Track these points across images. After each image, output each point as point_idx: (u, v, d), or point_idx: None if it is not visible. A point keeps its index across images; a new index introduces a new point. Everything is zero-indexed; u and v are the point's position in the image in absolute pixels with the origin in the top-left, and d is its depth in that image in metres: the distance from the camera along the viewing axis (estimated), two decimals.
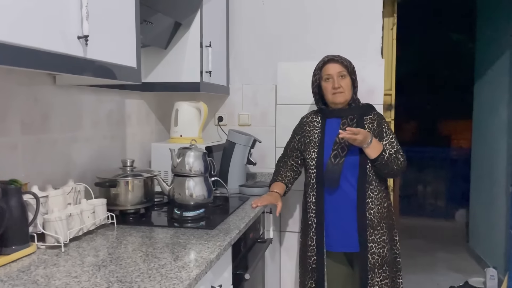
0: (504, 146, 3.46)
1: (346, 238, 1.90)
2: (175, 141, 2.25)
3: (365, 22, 2.47)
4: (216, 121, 2.66)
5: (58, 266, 1.18)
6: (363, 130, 1.80)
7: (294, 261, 2.56)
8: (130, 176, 1.71)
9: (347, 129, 1.79)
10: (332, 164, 1.87)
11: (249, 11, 2.61)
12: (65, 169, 1.68)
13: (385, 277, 1.88)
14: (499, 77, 3.59)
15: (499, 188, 3.55)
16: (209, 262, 1.22)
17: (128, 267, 1.17)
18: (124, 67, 1.42)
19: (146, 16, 1.82)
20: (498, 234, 3.51)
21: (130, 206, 1.70)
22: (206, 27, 2.18)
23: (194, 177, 1.70)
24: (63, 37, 1.12)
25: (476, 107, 4.23)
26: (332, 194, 1.91)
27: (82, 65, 1.20)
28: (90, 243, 1.40)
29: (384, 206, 1.92)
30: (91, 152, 1.84)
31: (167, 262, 1.21)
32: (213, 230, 1.54)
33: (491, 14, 3.79)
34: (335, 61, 1.95)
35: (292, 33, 2.56)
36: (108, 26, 1.33)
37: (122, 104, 2.11)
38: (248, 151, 2.28)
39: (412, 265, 3.83)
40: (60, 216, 1.33)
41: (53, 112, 1.61)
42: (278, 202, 1.96)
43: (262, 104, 2.60)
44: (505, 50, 3.43)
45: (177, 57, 2.17)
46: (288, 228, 2.58)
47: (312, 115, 2.08)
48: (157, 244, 1.39)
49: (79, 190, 1.58)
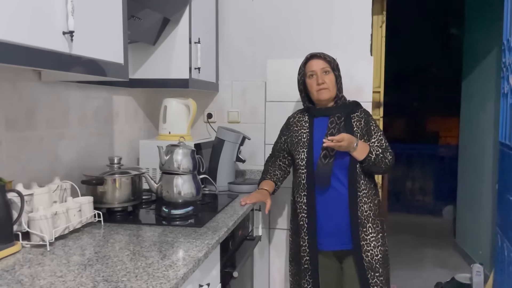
0: (491, 143, 3.50)
1: (337, 236, 1.90)
2: (163, 138, 2.23)
3: (355, 20, 2.47)
4: (205, 118, 2.65)
5: (43, 266, 1.17)
6: (346, 135, 1.80)
7: (283, 258, 2.56)
8: (117, 173, 1.69)
9: (329, 138, 1.79)
10: (322, 164, 1.86)
11: (239, 8, 2.59)
12: (51, 166, 1.65)
13: (385, 274, 1.89)
14: (487, 75, 3.62)
15: (486, 185, 3.59)
16: (197, 261, 1.22)
17: (114, 266, 1.16)
18: (110, 63, 1.40)
19: (134, 12, 1.80)
20: (485, 230, 3.55)
21: (117, 204, 1.68)
22: (195, 23, 2.16)
23: (183, 175, 1.69)
24: (48, 32, 1.10)
25: (464, 104, 4.27)
26: (323, 194, 1.90)
27: (67, 61, 1.18)
28: (76, 241, 1.38)
29: (375, 203, 1.93)
30: (78, 149, 1.82)
31: (154, 261, 1.20)
32: (202, 228, 1.53)
33: (479, 12, 3.82)
34: (318, 57, 1.95)
35: (282, 30, 2.55)
36: (94, 22, 1.30)
37: (109, 101, 2.09)
38: (237, 148, 2.27)
39: (399, 261, 3.86)
40: (45, 214, 1.31)
41: (38, 108, 1.58)
42: (267, 200, 1.96)
43: (252, 101, 2.59)
44: (492, 48, 3.46)
45: (165, 53, 2.15)
46: (277, 225, 2.58)
47: (299, 114, 2.07)
48: (145, 242, 1.38)
49: (65, 188, 1.55)
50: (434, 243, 4.50)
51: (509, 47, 2.38)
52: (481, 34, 3.77)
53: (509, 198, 2.16)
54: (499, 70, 3.11)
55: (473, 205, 3.92)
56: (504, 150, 2.41)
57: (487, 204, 3.52)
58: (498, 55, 3.24)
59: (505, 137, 2.39)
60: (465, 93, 4.24)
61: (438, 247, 4.38)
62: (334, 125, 1.90)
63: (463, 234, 4.22)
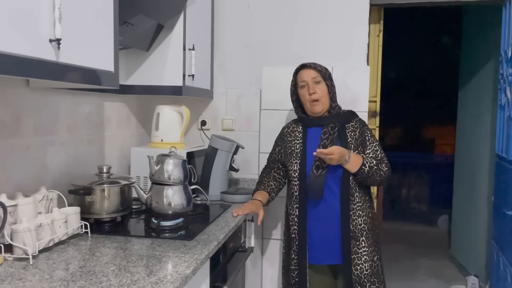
0: (487, 153, 3.47)
1: (329, 250, 1.87)
2: (156, 146, 2.19)
3: (351, 29, 2.45)
4: (199, 125, 2.61)
5: (25, 281, 1.12)
6: (337, 149, 1.76)
7: (276, 268, 2.52)
8: (106, 183, 1.64)
9: (318, 150, 1.76)
10: (314, 175, 1.83)
11: (235, 15, 2.57)
12: (38, 175, 1.61)
13: None
14: (484, 84, 3.60)
15: (481, 197, 3.57)
16: (184, 278, 1.17)
17: (98, 282, 1.12)
18: (100, 71, 1.36)
19: (127, 18, 1.77)
20: (480, 242, 3.52)
21: (105, 214, 1.64)
22: (189, 29, 2.13)
23: (173, 185, 1.65)
24: (34, 40, 1.06)
25: (460, 115, 4.25)
26: (316, 206, 1.87)
27: (54, 69, 1.14)
28: (61, 254, 1.33)
29: (369, 216, 1.89)
30: (66, 157, 1.78)
31: (140, 277, 1.16)
32: (191, 242, 1.49)
33: (477, 22, 3.81)
34: (308, 67, 1.92)
35: (278, 38, 2.53)
36: (83, 29, 1.27)
37: (101, 107, 2.05)
38: (231, 157, 2.24)
39: (394, 271, 3.83)
40: (28, 226, 1.26)
41: (25, 115, 1.54)
42: (260, 211, 1.92)
43: (246, 108, 2.56)
44: (489, 59, 3.44)
45: (159, 59, 2.11)
46: (270, 236, 2.54)
47: (293, 124, 2.04)
48: (132, 256, 1.34)
49: (51, 198, 1.51)
50: (429, 253, 4.47)
51: (506, 58, 2.36)
52: (478, 45, 3.76)
53: (505, 212, 2.14)
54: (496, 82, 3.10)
55: (468, 216, 3.90)
56: (501, 163, 2.39)
57: (483, 216, 3.49)
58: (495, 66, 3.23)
59: (502, 150, 2.36)
60: (461, 103, 4.22)
61: (433, 257, 4.34)
62: (327, 136, 1.87)
63: (458, 245, 4.18)
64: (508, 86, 2.32)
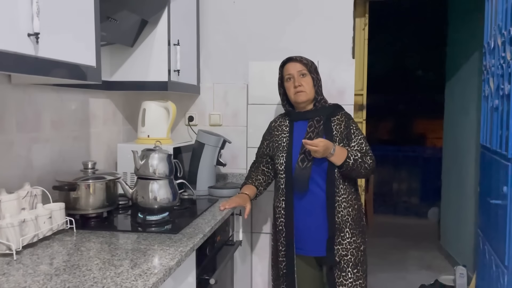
0: (473, 146, 3.51)
1: (316, 242, 1.88)
2: (142, 142, 2.19)
3: (336, 22, 2.46)
4: (186, 121, 2.61)
5: (8, 276, 1.12)
6: (322, 141, 1.77)
7: (266, 262, 2.54)
8: (91, 179, 1.64)
9: (303, 141, 1.78)
10: (300, 168, 1.84)
11: (220, 10, 2.56)
12: (22, 172, 1.60)
13: (359, 277, 1.88)
14: (469, 78, 3.64)
15: (469, 188, 3.61)
16: (168, 270, 1.18)
17: (82, 276, 1.12)
18: (81, 65, 1.36)
19: (110, 13, 1.76)
20: (467, 232, 3.56)
21: (91, 210, 1.64)
22: (174, 25, 2.13)
23: (158, 180, 1.65)
24: (11, 34, 1.06)
25: (447, 107, 4.29)
26: (302, 198, 1.88)
27: (33, 64, 1.14)
28: (45, 250, 1.33)
29: (355, 208, 1.91)
30: (51, 154, 1.77)
31: (124, 270, 1.17)
32: (177, 235, 1.50)
33: (462, 14, 3.84)
34: (294, 60, 1.93)
35: (264, 33, 2.53)
36: (62, 23, 1.26)
37: (86, 103, 2.04)
38: (218, 152, 2.24)
39: (384, 263, 3.87)
40: (12, 222, 1.26)
41: (8, 112, 1.53)
42: (247, 204, 1.92)
43: (233, 103, 2.56)
44: (475, 50, 3.47)
45: (144, 55, 2.11)
46: (259, 230, 2.55)
47: (280, 119, 2.05)
48: (117, 250, 1.34)
49: (35, 194, 1.50)
50: (419, 244, 4.51)
51: (489, 49, 2.38)
52: (464, 36, 3.79)
53: (490, 200, 2.16)
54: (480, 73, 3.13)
55: (456, 207, 3.94)
56: (485, 153, 2.41)
57: (470, 206, 3.53)
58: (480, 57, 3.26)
59: (486, 140, 2.39)
60: (448, 95, 4.26)
61: (423, 248, 4.39)
62: (313, 129, 1.88)
63: (447, 236, 4.23)
64: (491, 77, 2.34)
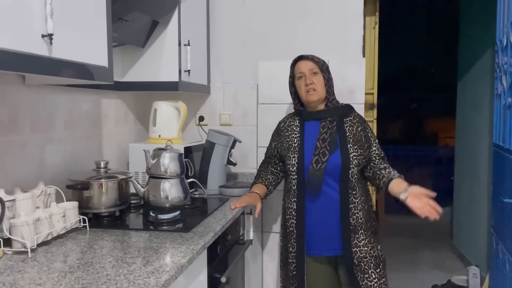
0: (486, 144, 3.47)
1: (328, 242, 1.87)
2: (153, 142, 2.21)
3: (346, 21, 2.46)
4: (197, 121, 2.63)
5: (23, 273, 1.14)
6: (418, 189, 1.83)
7: (276, 262, 2.54)
8: (103, 178, 1.66)
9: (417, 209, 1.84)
10: (314, 170, 1.82)
11: (230, 10, 2.57)
12: (36, 171, 1.63)
13: (382, 275, 1.86)
14: (481, 76, 3.60)
15: (482, 187, 3.57)
16: (180, 267, 1.19)
17: (95, 273, 1.14)
18: (94, 66, 1.38)
19: (122, 14, 1.78)
20: (481, 232, 3.53)
21: (104, 209, 1.66)
22: (184, 25, 2.14)
23: (170, 179, 1.66)
24: (26, 35, 1.08)
25: (460, 105, 4.25)
26: (314, 200, 1.87)
27: (47, 64, 1.16)
28: (59, 248, 1.35)
29: (365, 209, 1.90)
30: (64, 154, 1.80)
31: (137, 267, 1.18)
32: (188, 233, 1.51)
33: (474, 12, 3.80)
34: (306, 59, 1.93)
35: (274, 32, 2.53)
36: (75, 24, 1.28)
37: (98, 104, 2.07)
38: (228, 151, 2.25)
39: (396, 263, 3.84)
40: (27, 220, 1.28)
41: (22, 112, 1.56)
42: (258, 203, 1.92)
43: (244, 103, 2.57)
44: (487, 48, 3.44)
45: (155, 56, 2.13)
46: (270, 229, 2.55)
47: (289, 119, 2.04)
48: (129, 248, 1.35)
49: (49, 193, 1.53)
50: (431, 244, 4.47)
51: (502, 47, 2.36)
52: (476, 34, 3.75)
53: (503, 199, 2.14)
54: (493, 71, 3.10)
55: (469, 207, 3.90)
56: (498, 152, 2.39)
57: (483, 206, 3.49)
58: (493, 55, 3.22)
59: (499, 139, 2.36)
60: (460, 94, 4.22)
61: (435, 249, 4.35)
62: (326, 130, 1.87)
63: (459, 236, 4.19)
64: (504, 75, 2.31)
